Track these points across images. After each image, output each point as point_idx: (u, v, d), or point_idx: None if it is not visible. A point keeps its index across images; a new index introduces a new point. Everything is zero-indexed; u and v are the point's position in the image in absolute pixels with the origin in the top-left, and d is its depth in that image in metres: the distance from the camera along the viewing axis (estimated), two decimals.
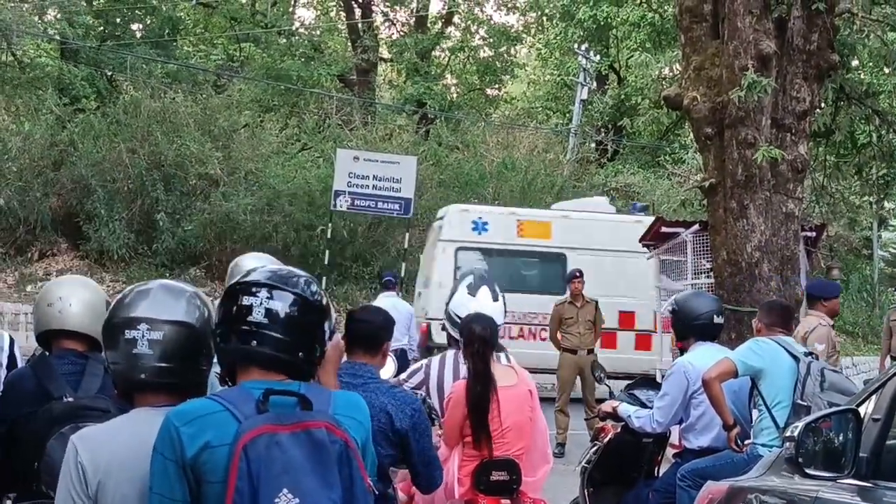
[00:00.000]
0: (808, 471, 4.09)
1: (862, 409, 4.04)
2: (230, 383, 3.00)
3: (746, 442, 6.74)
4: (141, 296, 3.16)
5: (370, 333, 4.91)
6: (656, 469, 7.62)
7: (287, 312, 2.92)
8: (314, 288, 3.03)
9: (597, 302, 14.13)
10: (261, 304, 2.90)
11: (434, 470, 4.88)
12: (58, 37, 29.61)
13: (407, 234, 22.44)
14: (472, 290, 6.13)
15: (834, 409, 4.42)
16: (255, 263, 5.47)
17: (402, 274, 20.80)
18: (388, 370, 5.34)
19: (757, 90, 9.59)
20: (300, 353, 2.96)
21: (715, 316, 7.11)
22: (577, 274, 13.93)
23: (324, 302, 3.06)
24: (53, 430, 3.72)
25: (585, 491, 7.58)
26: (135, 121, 24.47)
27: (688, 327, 7.18)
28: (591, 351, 13.71)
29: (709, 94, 10.45)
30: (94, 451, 2.96)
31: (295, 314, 2.94)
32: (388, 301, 13.39)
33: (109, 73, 29.75)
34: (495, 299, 6.07)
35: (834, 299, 9.62)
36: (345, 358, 4.57)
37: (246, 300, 2.91)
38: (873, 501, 3.86)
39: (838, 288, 10.50)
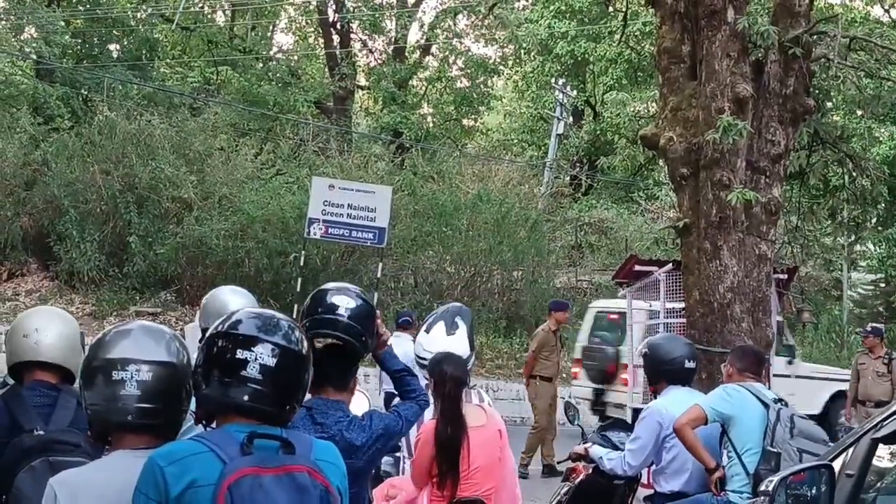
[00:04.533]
0: None
1: (836, 464, 4.05)
2: (206, 424, 3.00)
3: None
4: (122, 336, 3.16)
5: (341, 374, 4.85)
6: None
7: (281, 370, 2.94)
8: (298, 335, 3.05)
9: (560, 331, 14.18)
10: (256, 359, 2.91)
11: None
12: (34, 55, 29.49)
13: (380, 264, 22.31)
14: (429, 328, 6.05)
15: (808, 463, 4.42)
16: (232, 299, 5.42)
17: (374, 302, 20.67)
18: (361, 406, 5.25)
19: (732, 133, 9.63)
20: (287, 406, 2.99)
21: (686, 361, 7.04)
22: (569, 305, 13.99)
23: (307, 349, 3.06)
24: (23, 463, 3.68)
25: None
26: (109, 142, 24.35)
27: (659, 371, 7.14)
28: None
29: (685, 134, 10.48)
30: (74, 495, 2.95)
31: (287, 371, 2.96)
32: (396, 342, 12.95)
33: (85, 94, 29.62)
34: (450, 332, 5.93)
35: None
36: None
37: (241, 353, 2.91)
38: None
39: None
